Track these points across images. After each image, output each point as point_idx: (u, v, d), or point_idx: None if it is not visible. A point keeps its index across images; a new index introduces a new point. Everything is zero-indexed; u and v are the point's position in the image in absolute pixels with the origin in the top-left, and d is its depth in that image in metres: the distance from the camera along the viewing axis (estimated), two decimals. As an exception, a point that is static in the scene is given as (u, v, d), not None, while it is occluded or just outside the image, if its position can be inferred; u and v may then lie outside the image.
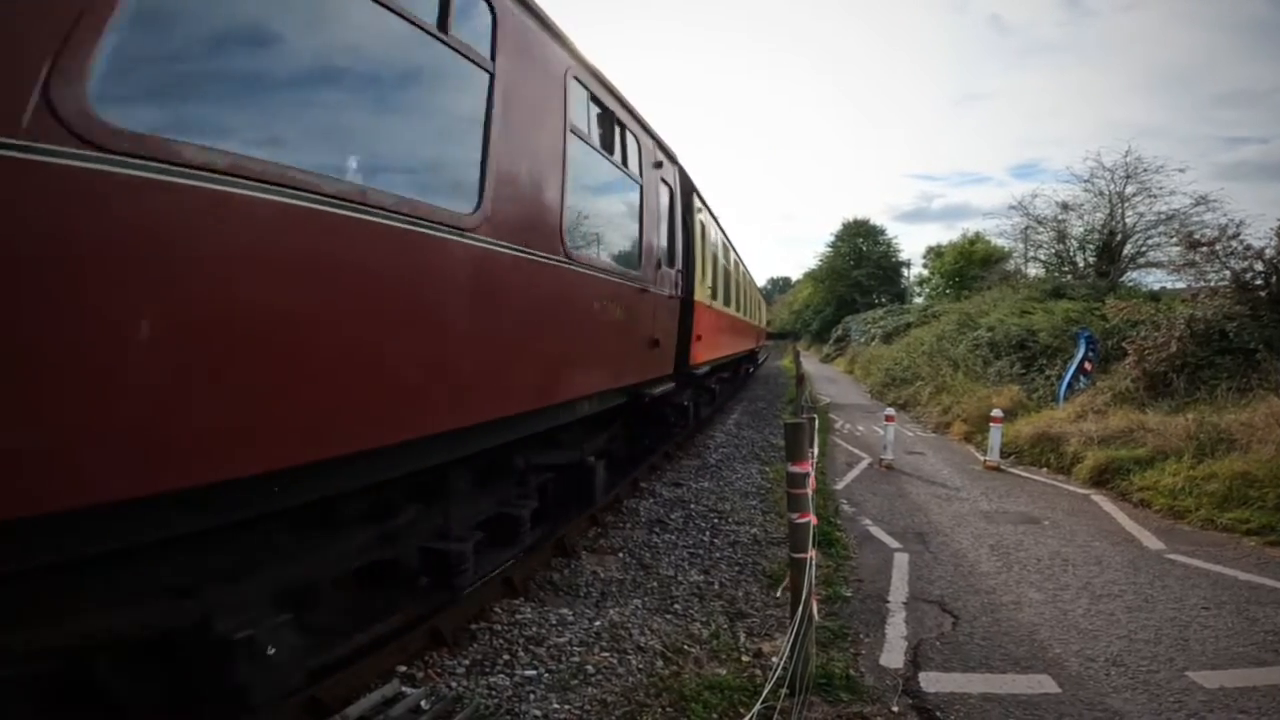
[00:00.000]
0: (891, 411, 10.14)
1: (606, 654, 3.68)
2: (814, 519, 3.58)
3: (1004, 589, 4.85)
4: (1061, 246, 24.18)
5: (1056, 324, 14.80)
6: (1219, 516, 6.45)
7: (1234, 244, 11.52)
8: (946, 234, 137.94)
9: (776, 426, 12.25)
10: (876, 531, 6.23)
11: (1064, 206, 23.51)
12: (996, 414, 9.55)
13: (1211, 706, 3.30)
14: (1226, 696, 3.38)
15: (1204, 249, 12.15)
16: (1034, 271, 25.38)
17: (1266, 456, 6.89)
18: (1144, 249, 21.78)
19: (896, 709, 3.26)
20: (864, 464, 9.55)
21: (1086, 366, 12.01)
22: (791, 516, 3.32)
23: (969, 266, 33.23)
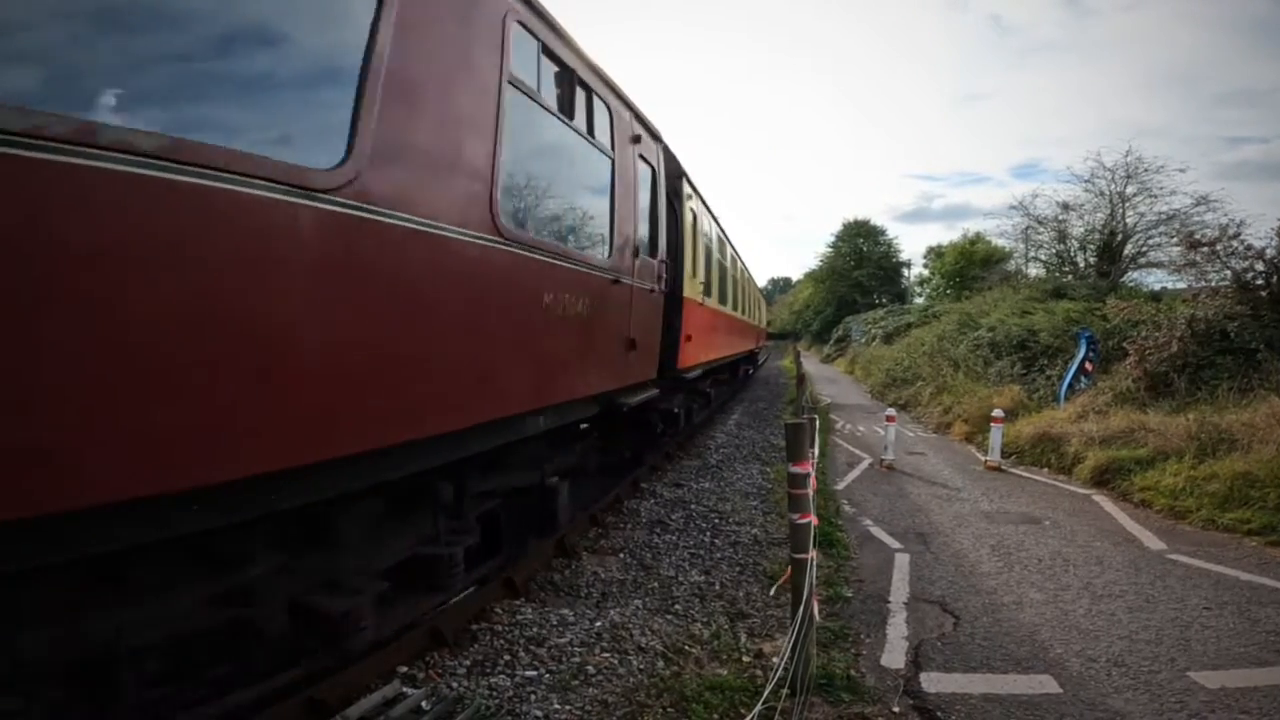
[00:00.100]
0: (892, 412, 10.15)
1: (607, 654, 3.68)
2: (815, 519, 3.59)
3: (1005, 589, 4.85)
4: (1062, 247, 24.22)
5: (1057, 324, 14.80)
6: (1220, 517, 6.44)
7: (1235, 244, 11.53)
8: (947, 234, 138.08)
9: (777, 427, 12.25)
10: (877, 532, 6.23)
11: (1065, 206, 23.56)
12: (997, 414, 9.55)
13: (1213, 707, 3.29)
14: (1228, 697, 3.38)
15: (1205, 249, 12.15)
16: (1035, 272, 25.45)
17: (1267, 456, 6.88)
18: (1145, 249, 21.82)
19: (897, 709, 3.26)
20: (865, 464, 9.55)
21: (1087, 367, 12.00)
22: (792, 517, 3.32)
23: (969, 267, 33.23)
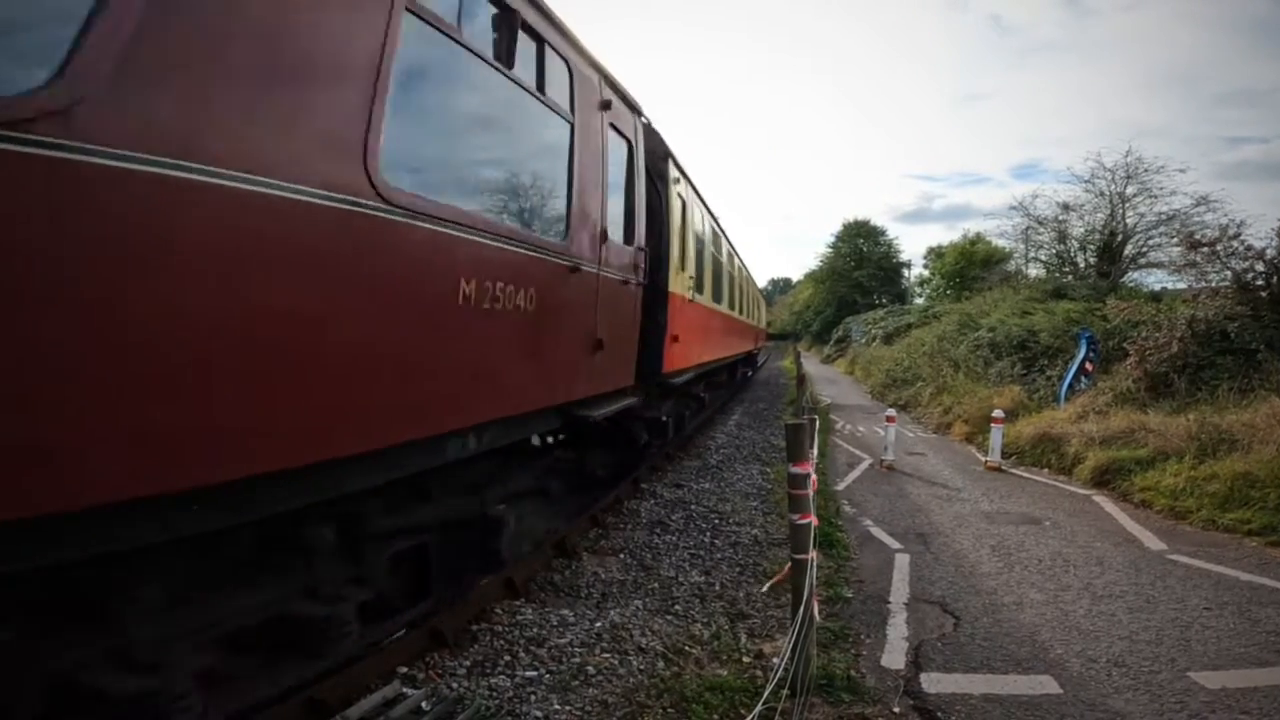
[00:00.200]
0: (892, 412, 10.16)
1: (607, 655, 3.68)
2: (815, 520, 3.58)
3: (1005, 590, 4.85)
4: (1062, 247, 24.24)
5: (1057, 324, 14.82)
6: (1220, 517, 6.44)
7: (1235, 244, 11.55)
8: (947, 234, 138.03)
9: (777, 427, 12.25)
10: (877, 532, 6.23)
11: (1065, 207, 23.60)
12: (997, 415, 9.55)
13: (1213, 707, 3.29)
14: (1228, 697, 3.38)
15: (1205, 249, 12.16)
16: (1035, 272, 25.49)
17: (1268, 457, 6.89)
18: (1145, 249, 21.86)
19: (898, 710, 3.26)
20: (865, 465, 9.55)
21: (1087, 367, 12.01)
22: (792, 517, 3.32)
23: (970, 267, 33.24)
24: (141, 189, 1.77)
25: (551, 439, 5.56)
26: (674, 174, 7.03)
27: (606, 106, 4.86)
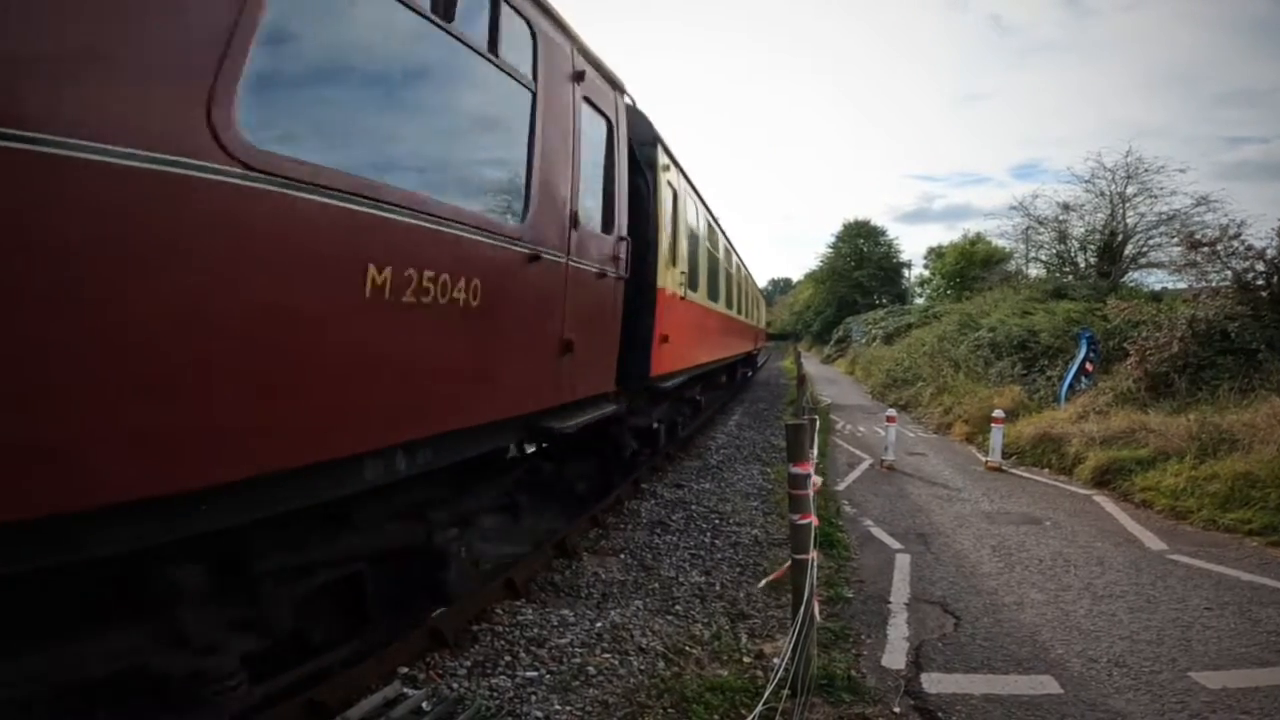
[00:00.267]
0: (893, 412, 10.16)
1: (608, 655, 3.68)
2: (815, 520, 3.58)
3: (1006, 590, 4.85)
4: (1063, 247, 24.25)
5: (1058, 324, 14.82)
6: (1221, 517, 6.44)
7: (1235, 244, 11.56)
8: (947, 234, 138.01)
9: (777, 427, 12.25)
10: (878, 532, 6.22)
11: (1065, 207, 23.61)
12: (998, 415, 9.55)
13: (1214, 707, 3.29)
14: (1229, 697, 3.37)
15: (1205, 249, 12.17)
16: (1035, 272, 25.51)
17: (1268, 457, 6.88)
18: (1145, 249, 21.87)
19: (898, 710, 3.26)
20: (865, 465, 9.55)
21: (1088, 367, 12.01)
22: (793, 517, 3.32)
23: (970, 267, 33.24)
24: None
25: (533, 447, 5.22)
26: (663, 160, 6.47)
27: (580, 78, 4.36)
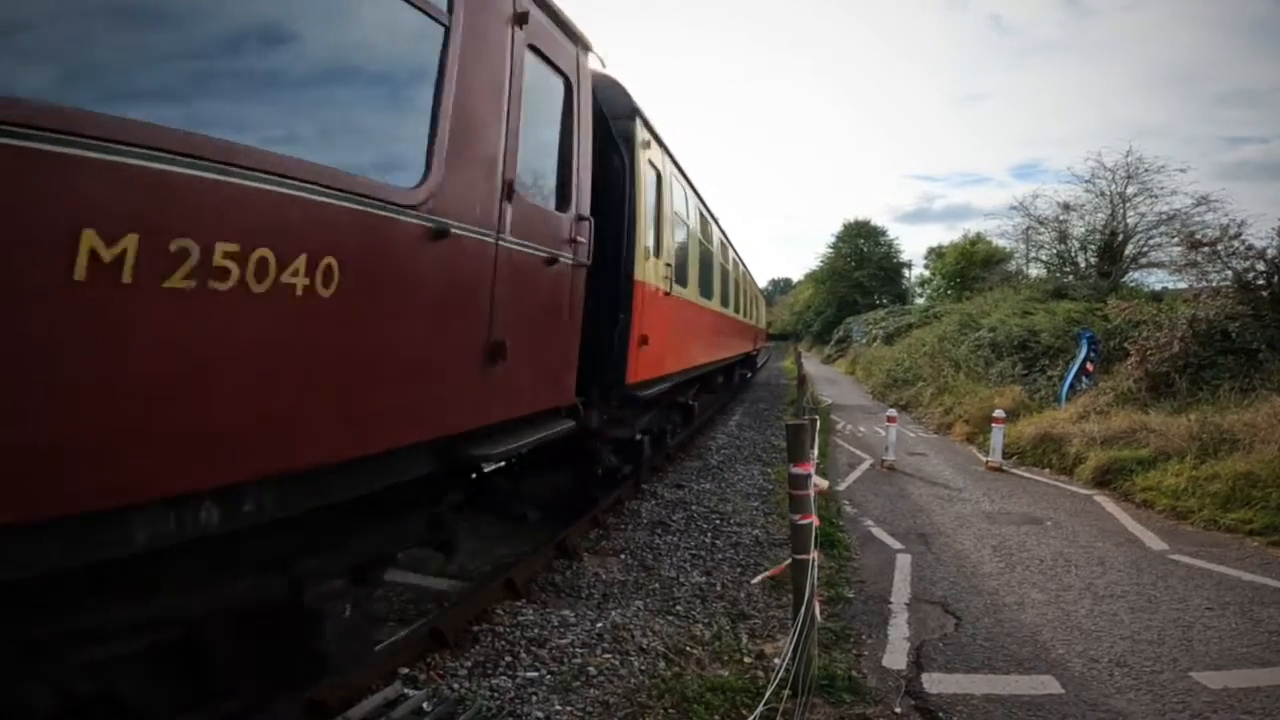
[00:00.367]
0: (893, 412, 10.16)
1: (608, 655, 3.68)
2: (816, 520, 3.58)
3: (1006, 590, 4.84)
4: (1063, 247, 24.24)
5: (1058, 324, 14.82)
6: (1222, 517, 6.44)
7: (1235, 244, 11.57)
8: (948, 234, 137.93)
9: (778, 428, 12.24)
10: (879, 532, 6.22)
11: (1065, 207, 23.58)
12: (998, 415, 9.55)
13: (1215, 707, 3.29)
14: (1230, 697, 3.37)
15: (1206, 249, 12.19)
16: (1035, 272, 25.49)
17: (1269, 457, 6.89)
18: (1146, 249, 21.85)
19: (899, 710, 3.26)
20: (866, 465, 9.54)
21: (1088, 367, 12.01)
22: (793, 518, 3.32)
23: (970, 267, 33.23)
24: None
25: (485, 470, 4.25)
26: (643, 136, 5.59)
27: (522, 21, 3.54)
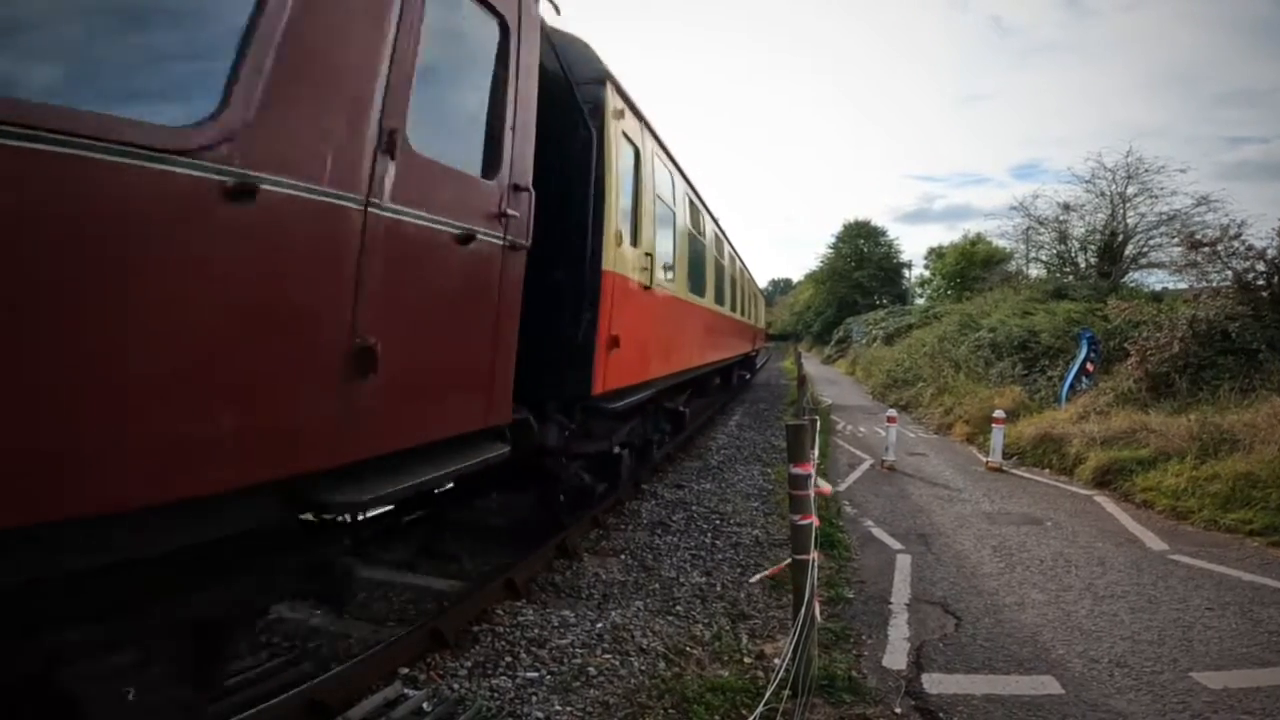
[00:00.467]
0: (893, 413, 10.17)
1: (608, 656, 3.68)
2: (816, 520, 3.58)
3: (1007, 590, 4.84)
4: (1063, 247, 24.25)
5: (1058, 325, 14.82)
6: (1222, 517, 6.44)
7: (1236, 244, 11.58)
8: (948, 235, 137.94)
9: (778, 428, 12.24)
10: (879, 533, 6.22)
11: (1065, 207, 23.60)
12: (998, 415, 9.55)
13: (1216, 708, 3.29)
14: (1231, 697, 3.37)
15: (1206, 249, 12.19)
16: (1035, 272, 25.50)
17: (1269, 457, 6.88)
18: (1146, 249, 21.86)
19: (899, 710, 3.25)
20: (866, 465, 9.54)
21: (1088, 367, 12.01)
22: (793, 518, 3.31)
23: (970, 267, 33.23)
24: None
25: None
26: (615, 104, 4.74)
27: None
